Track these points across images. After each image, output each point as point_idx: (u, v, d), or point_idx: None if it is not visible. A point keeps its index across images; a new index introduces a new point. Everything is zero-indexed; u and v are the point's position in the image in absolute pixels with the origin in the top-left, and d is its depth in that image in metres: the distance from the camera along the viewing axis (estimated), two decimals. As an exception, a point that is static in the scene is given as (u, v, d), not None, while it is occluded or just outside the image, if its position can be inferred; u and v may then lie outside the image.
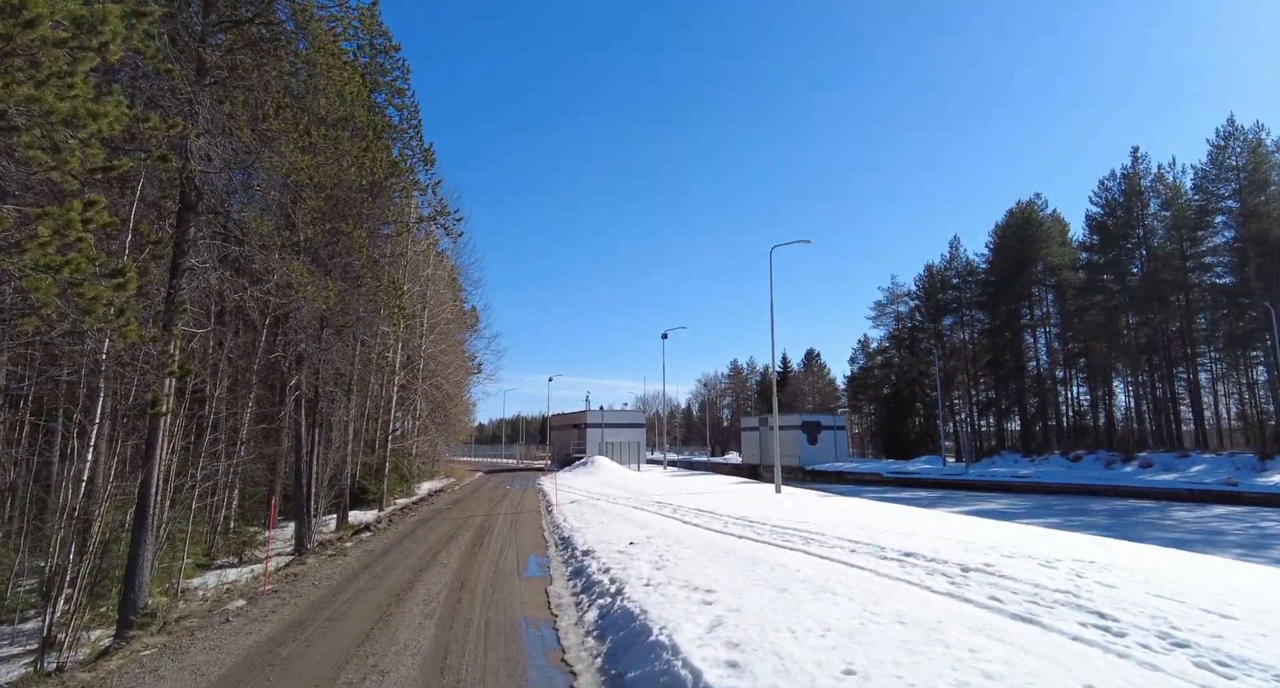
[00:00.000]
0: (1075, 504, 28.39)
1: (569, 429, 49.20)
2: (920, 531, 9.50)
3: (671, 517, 12.67)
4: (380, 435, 29.35)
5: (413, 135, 25.93)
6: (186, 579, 16.78)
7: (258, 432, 24.94)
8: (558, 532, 11.86)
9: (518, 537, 12.08)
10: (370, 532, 13.39)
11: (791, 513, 12.46)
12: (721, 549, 8.10)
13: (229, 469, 20.83)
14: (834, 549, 7.87)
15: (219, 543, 20.44)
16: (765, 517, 11.67)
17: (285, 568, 9.42)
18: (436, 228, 26.92)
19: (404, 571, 8.78)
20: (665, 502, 16.02)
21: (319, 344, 20.86)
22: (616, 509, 14.77)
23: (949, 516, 13.91)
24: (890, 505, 16.83)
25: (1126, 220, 42.29)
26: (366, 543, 11.80)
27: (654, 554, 7.83)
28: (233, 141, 11.57)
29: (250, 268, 13.43)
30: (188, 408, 17.71)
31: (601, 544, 9.02)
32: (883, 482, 41.80)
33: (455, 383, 37.53)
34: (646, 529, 10.59)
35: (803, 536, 8.96)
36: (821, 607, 4.86)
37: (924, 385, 60.60)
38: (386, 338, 28.07)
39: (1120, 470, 35.78)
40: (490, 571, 8.64)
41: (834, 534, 8.95)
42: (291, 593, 7.44)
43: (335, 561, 9.72)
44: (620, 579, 6.39)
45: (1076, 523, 21.89)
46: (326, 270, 21.51)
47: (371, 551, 10.74)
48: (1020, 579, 5.80)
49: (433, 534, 12.76)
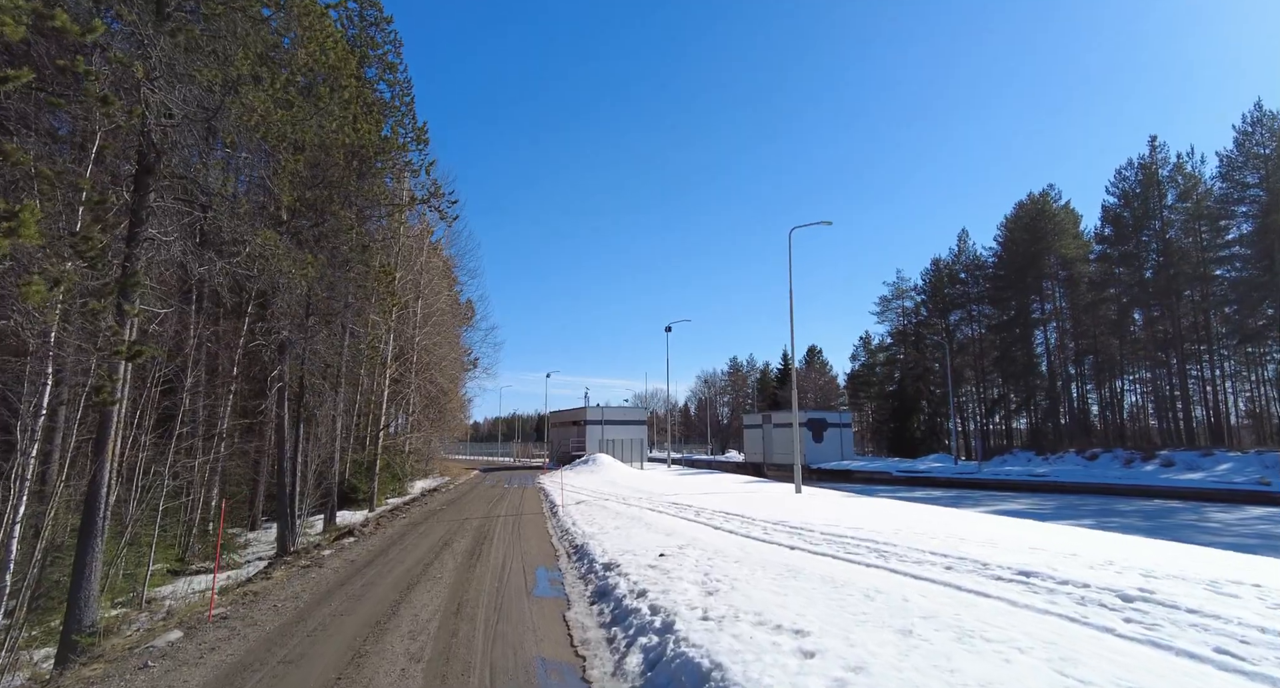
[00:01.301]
0: (1101, 505, 27.09)
1: (568, 427, 47.70)
2: (1001, 538, 8.07)
3: (696, 521, 11.23)
4: (371, 432, 27.83)
5: (405, 113, 24.41)
6: (155, 588, 15.23)
7: (239, 427, 23.40)
8: (568, 538, 10.39)
9: (522, 544, 10.60)
10: (354, 537, 11.89)
11: (834, 517, 11.02)
12: (781, 566, 6.68)
13: (204, 467, 19.26)
14: (923, 566, 6.49)
15: (195, 546, 18.87)
16: (806, 521, 10.23)
17: (244, 585, 7.94)
18: (430, 210, 25.38)
19: (388, 588, 7.29)
20: (682, 503, 14.56)
21: (304, 333, 19.33)
22: (631, 512, 13.30)
23: (1001, 519, 12.51)
24: (933, 508, 15.42)
25: (1143, 211, 41.05)
26: (348, 550, 10.30)
27: (697, 571, 6.39)
28: (195, 89, 10.03)
29: (220, 238, 11.88)
30: (156, 399, 16.15)
31: (625, 556, 7.57)
32: (893, 481, 40.52)
33: (450, 378, 35.99)
34: (673, 537, 9.15)
35: (871, 547, 7.52)
36: (987, 666, 3.42)
37: (929, 382, 59.36)
38: (377, 328, 26.52)
39: (1140, 469, 34.55)
40: (493, 588, 7.17)
41: (906, 544, 7.51)
42: (244, 621, 5.94)
43: (308, 574, 8.22)
44: (664, 608, 4.93)
45: (1113, 525, 20.57)
46: (313, 254, 19.98)
47: (353, 560, 9.24)
48: (1216, 615, 4.32)
49: (425, 540, 11.26)
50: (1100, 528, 17.92)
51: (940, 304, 56.75)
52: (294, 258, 11.62)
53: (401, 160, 23.73)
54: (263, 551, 19.07)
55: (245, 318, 21.58)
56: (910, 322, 61.01)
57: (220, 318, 22.92)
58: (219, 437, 20.17)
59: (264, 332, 19.80)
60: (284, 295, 18.42)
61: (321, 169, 19.78)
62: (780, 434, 49.82)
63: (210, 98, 10.08)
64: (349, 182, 20.66)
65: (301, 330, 18.97)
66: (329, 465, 23.08)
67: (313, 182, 15.40)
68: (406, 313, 29.53)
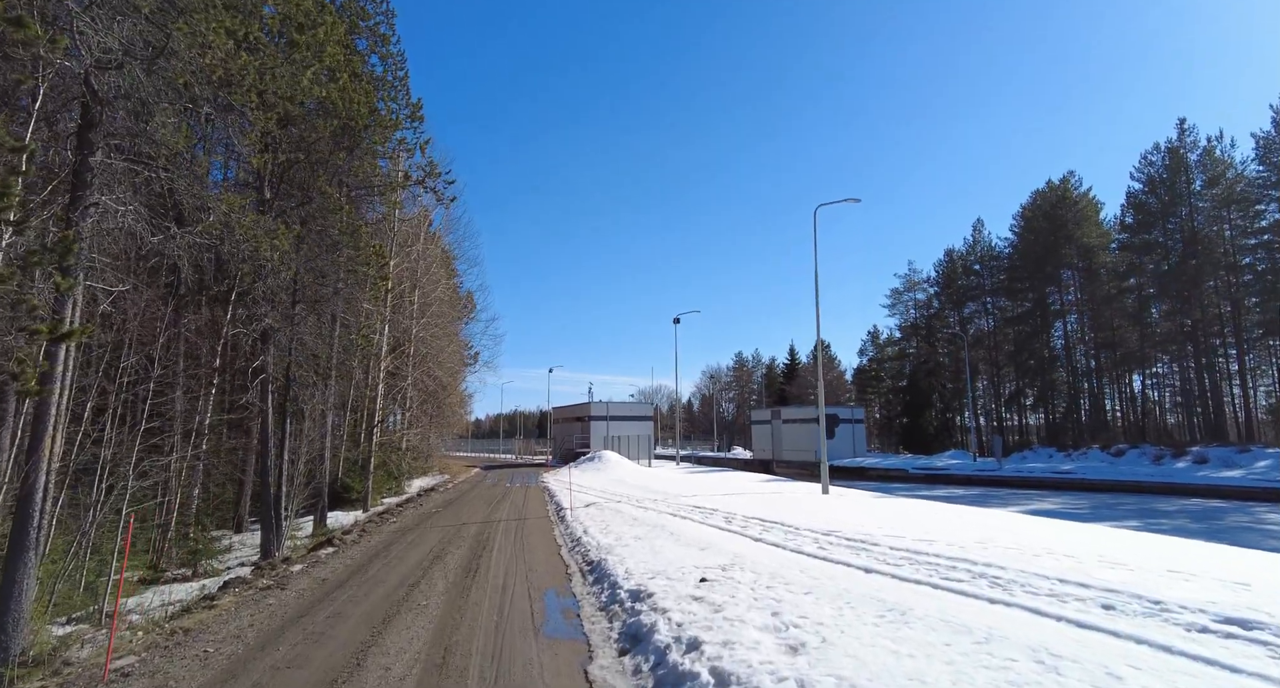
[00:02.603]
0: (1138, 504, 25.53)
1: (572, 423, 46.22)
2: (1119, 556, 6.42)
3: (729, 530, 9.69)
4: (365, 428, 26.35)
5: (399, 88, 22.80)
6: (125, 598, 13.80)
7: (225, 422, 21.92)
8: (580, 551, 8.88)
9: (526, 557, 9.09)
10: (334, 547, 10.38)
11: (889, 524, 9.47)
12: (874, 601, 5.12)
13: (181, 465, 17.80)
14: (1066, 603, 4.84)
15: (172, 552, 17.40)
16: (862, 530, 8.67)
17: (176, 618, 6.35)
18: (426, 192, 23.81)
19: (358, 622, 5.78)
20: (705, 506, 13.01)
21: (289, 321, 17.83)
22: (649, 517, 11.77)
23: (1080, 526, 10.95)
24: (995, 511, 13.91)
25: (1170, 198, 39.37)
26: (324, 564, 8.80)
27: (760, 608, 4.85)
28: (139, 22, 8.49)
29: (180, 206, 10.34)
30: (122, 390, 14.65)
31: (657, 580, 6.06)
32: (909, 478, 39.01)
33: (449, 371, 34.47)
34: (710, 551, 7.64)
35: (971, 569, 5.98)
36: None
37: (941, 377, 57.78)
38: (371, 318, 25.01)
39: (1172, 467, 32.97)
40: (490, 622, 5.67)
41: (1014, 566, 5.94)
42: (150, 680, 4.43)
43: (264, 600, 6.72)
44: (734, 678, 3.42)
45: (1163, 526, 19.04)
46: (286, 226, 18.48)
47: (324, 580, 7.73)
48: None
49: (414, 552, 9.76)
50: (1147, 529, 16.40)
51: (954, 296, 55.13)
52: (264, 228, 10.07)
53: (394, 137, 22.21)
54: (246, 555, 17.65)
55: (229, 305, 20.08)
56: (922, 315, 59.36)
57: (203, 305, 21.44)
58: (197, 432, 18.69)
59: (244, 319, 18.30)
60: (269, 279, 16.96)
61: (306, 142, 18.28)
62: (790, 430, 48.32)
63: (156, 33, 8.53)
64: (337, 157, 19.16)
65: (286, 318, 17.50)
66: (319, 464, 21.59)
67: (287, 145, 13.84)
68: (402, 302, 28.03)
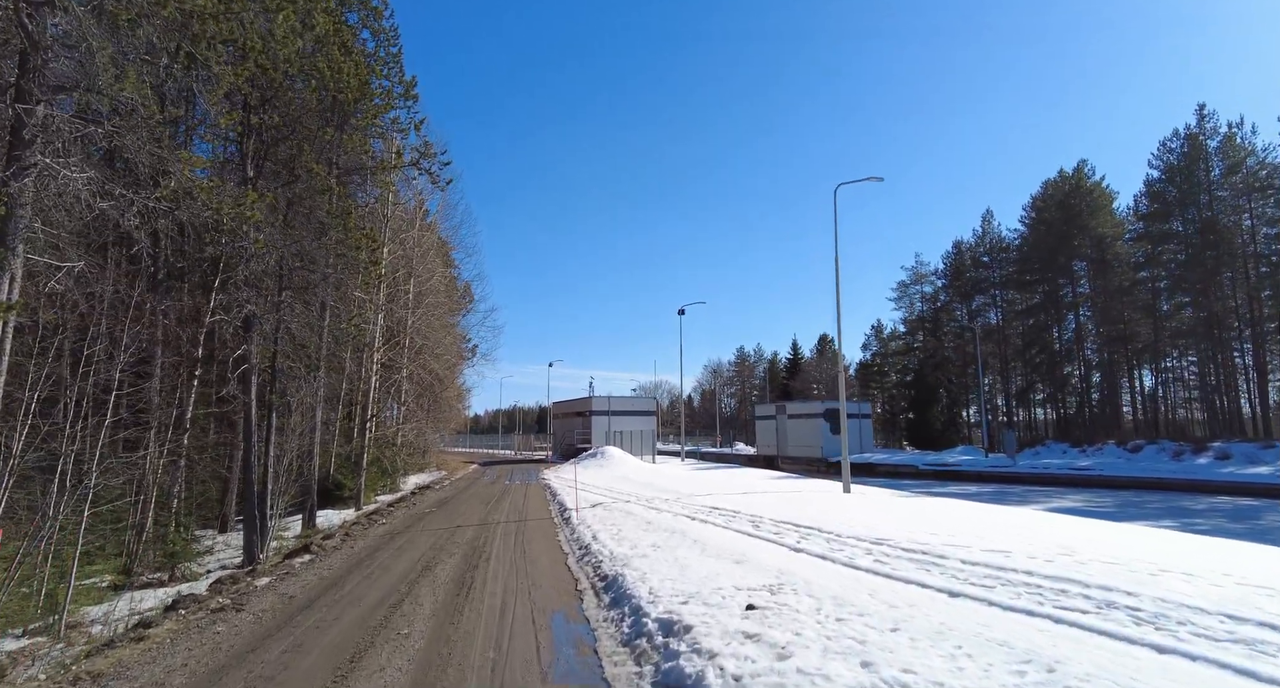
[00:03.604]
0: (1164, 502, 24.45)
1: (572, 418, 45.06)
2: (1244, 573, 5.30)
3: (759, 536, 8.51)
4: (358, 422, 25.21)
5: (392, 65, 21.55)
6: (87, 607, 12.67)
7: (211, 416, 20.75)
8: (591, 561, 7.73)
9: (529, 567, 7.96)
10: (311, 554, 9.22)
11: (946, 531, 8.28)
12: (995, 646, 4.00)
13: (158, 461, 16.63)
14: (1255, 655, 3.73)
15: (148, 555, 16.25)
16: (916, 539, 7.49)
17: (92, 656, 5.15)
18: (420, 174, 22.63)
19: (321, 660, 4.63)
20: (724, 508, 11.85)
21: (274, 308, 16.66)
22: (664, 520, 10.62)
23: (1171, 534, 9.82)
24: (1039, 512, 12.82)
25: (1188, 186, 38.20)
26: (295, 577, 7.66)
27: (841, 655, 3.70)
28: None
29: (136, 168, 9.14)
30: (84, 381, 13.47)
31: (691, 606, 4.93)
32: (920, 474, 37.96)
33: (446, 364, 33.29)
34: (749, 566, 6.49)
35: (1087, 595, 4.84)
36: None
37: (948, 371, 56.69)
38: (363, 307, 23.81)
39: (1193, 463, 31.91)
40: (485, 661, 4.52)
41: (1150, 594, 4.80)
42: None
43: (210, 628, 5.56)
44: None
45: (1200, 527, 17.94)
46: (287, 221, 17.31)
47: (291, 597, 6.59)
48: None
49: (401, 560, 8.61)
50: (1184, 530, 15.32)
51: (962, 289, 53.96)
52: (231, 194, 8.88)
53: (387, 117, 21.00)
54: (229, 558, 16.55)
55: (212, 292, 18.88)
56: (929, 308, 58.22)
57: (185, 293, 20.25)
58: (178, 426, 17.51)
59: (225, 305, 17.12)
60: (252, 262, 15.80)
61: (291, 116, 17.07)
62: (795, 425, 47.20)
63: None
64: (325, 134, 17.95)
65: (271, 305, 16.33)
66: (308, 460, 20.42)
67: (261, 104, 12.65)
68: (396, 291, 26.85)
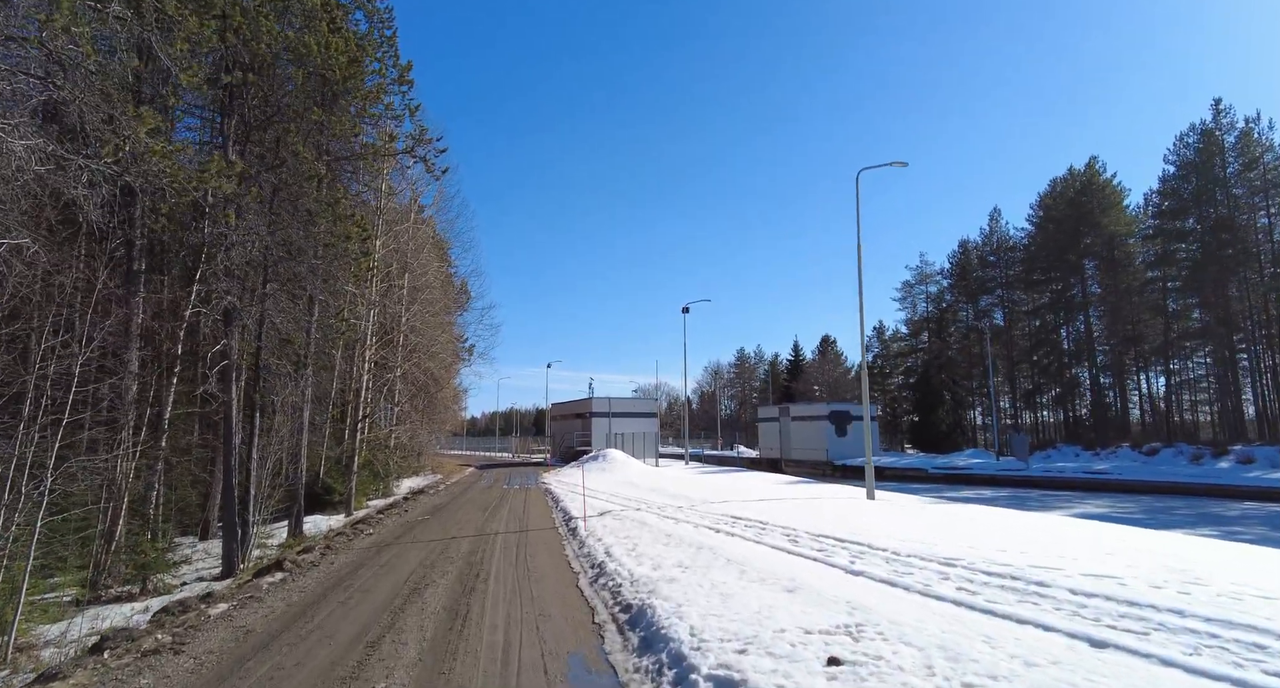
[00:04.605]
0: (1190, 507, 23.43)
1: (571, 419, 43.90)
2: None
3: (801, 554, 7.32)
4: (349, 424, 24.02)
5: (386, 48, 20.40)
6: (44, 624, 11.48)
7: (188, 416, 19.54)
8: (608, 584, 6.60)
9: (534, 592, 6.83)
10: (284, 571, 8.07)
11: (1018, 546, 7.06)
12: None
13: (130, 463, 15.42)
14: None
15: (117, 567, 15.03)
16: (995, 559, 6.28)
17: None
18: (415, 162, 21.46)
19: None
20: (746, 517, 10.71)
21: (258, 299, 15.53)
22: (684, 532, 9.46)
23: (1248, 547, 8.74)
24: (1078, 520, 11.73)
25: (1203, 183, 37.32)
26: (257, 604, 6.52)
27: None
28: None
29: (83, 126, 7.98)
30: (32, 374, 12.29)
31: (751, 656, 3.80)
32: (929, 478, 36.94)
33: (442, 364, 32.12)
34: (806, 595, 5.33)
35: (1260, 647, 3.76)
36: None
37: (953, 373, 55.70)
38: (354, 301, 22.65)
39: (1214, 467, 30.94)
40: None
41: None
42: None
43: (136, 678, 4.42)
44: None
45: (1242, 535, 16.89)
46: (272, 209, 16.15)
47: (247, 632, 5.44)
48: None
49: (385, 581, 7.47)
50: (1226, 539, 14.26)
51: (969, 289, 53.00)
52: (189, 157, 7.73)
53: (380, 103, 19.85)
54: (208, 567, 15.34)
55: (193, 284, 17.68)
56: (934, 308, 57.24)
57: (165, 287, 19.04)
58: (152, 426, 16.30)
59: (202, 296, 15.94)
60: (234, 251, 14.64)
61: (275, 95, 15.94)
62: (799, 428, 46.15)
63: None
64: (312, 114, 16.81)
65: (256, 297, 15.19)
66: (294, 463, 19.21)
67: (231, 61, 11.49)
68: (391, 287, 25.71)
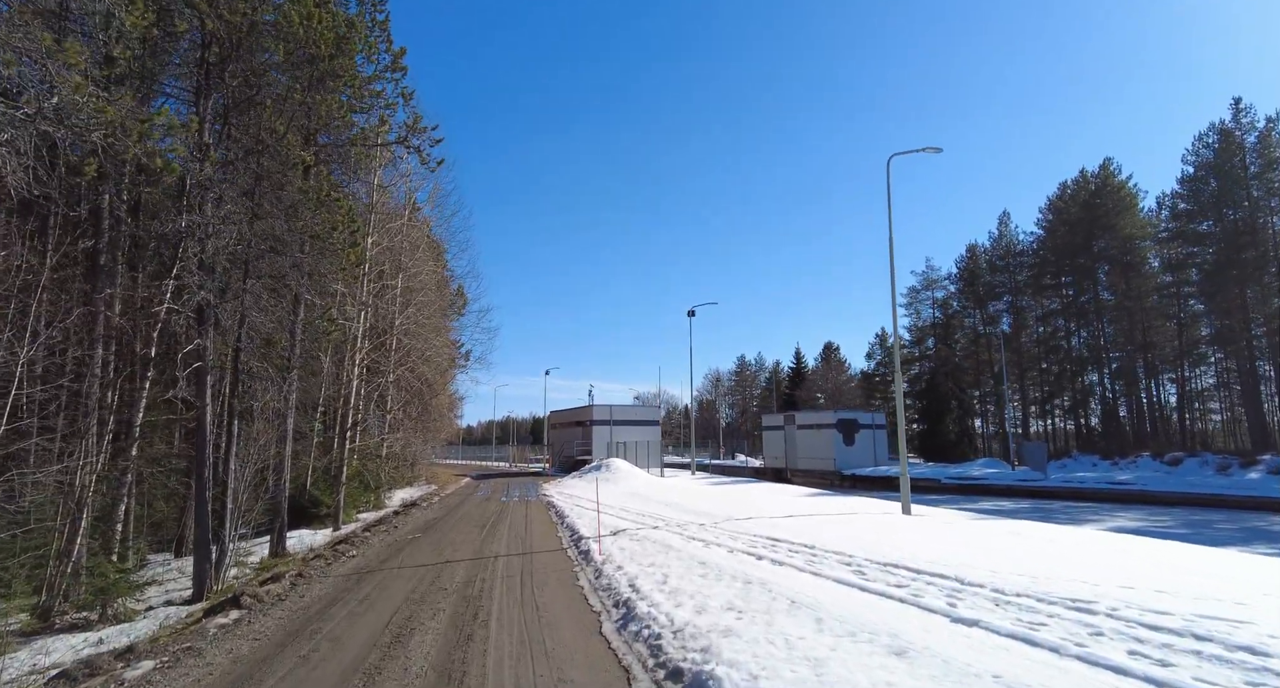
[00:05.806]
0: (1231, 521, 22.13)
1: (571, 428, 42.42)
2: None
3: (876, 591, 5.86)
4: (338, 431, 22.55)
5: (379, 34, 19.09)
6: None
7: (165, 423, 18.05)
8: (643, 635, 5.22)
9: (546, 642, 5.44)
10: (242, 609, 6.65)
11: (1149, 584, 5.75)
12: None
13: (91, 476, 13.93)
14: None
15: (73, 590, 13.49)
16: (1130, 599, 4.93)
17: None
18: (409, 153, 20.16)
19: None
20: (785, 539, 9.26)
21: (235, 296, 14.13)
22: (718, 558, 8.05)
23: None
24: (1130, 538, 10.40)
25: (1222, 184, 36.36)
26: (193, 660, 5.11)
27: None
28: None
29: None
30: None
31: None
32: (942, 489, 35.61)
33: (437, 369, 30.69)
34: (926, 664, 3.86)
35: None
36: None
37: (961, 380, 54.48)
38: (344, 302, 21.26)
39: (1243, 478, 29.67)
40: None
41: None
42: None
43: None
44: None
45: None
46: (256, 206, 14.83)
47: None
48: None
49: (360, 626, 6.07)
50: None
51: (977, 294, 51.89)
52: (126, 108, 6.39)
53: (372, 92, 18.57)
54: (179, 589, 13.81)
55: (169, 280, 16.25)
56: (941, 314, 56.10)
57: (140, 285, 17.62)
58: (121, 434, 14.83)
59: (174, 291, 14.55)
60: (209, 242, 13.31)
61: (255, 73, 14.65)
62: (805, 436, 44.73)
63: None
64: (295, 95, 15.51)
65: (233, 294, 13.79)
66: (278, 474, 17.69)
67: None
68: (384, 288, 24.35)
